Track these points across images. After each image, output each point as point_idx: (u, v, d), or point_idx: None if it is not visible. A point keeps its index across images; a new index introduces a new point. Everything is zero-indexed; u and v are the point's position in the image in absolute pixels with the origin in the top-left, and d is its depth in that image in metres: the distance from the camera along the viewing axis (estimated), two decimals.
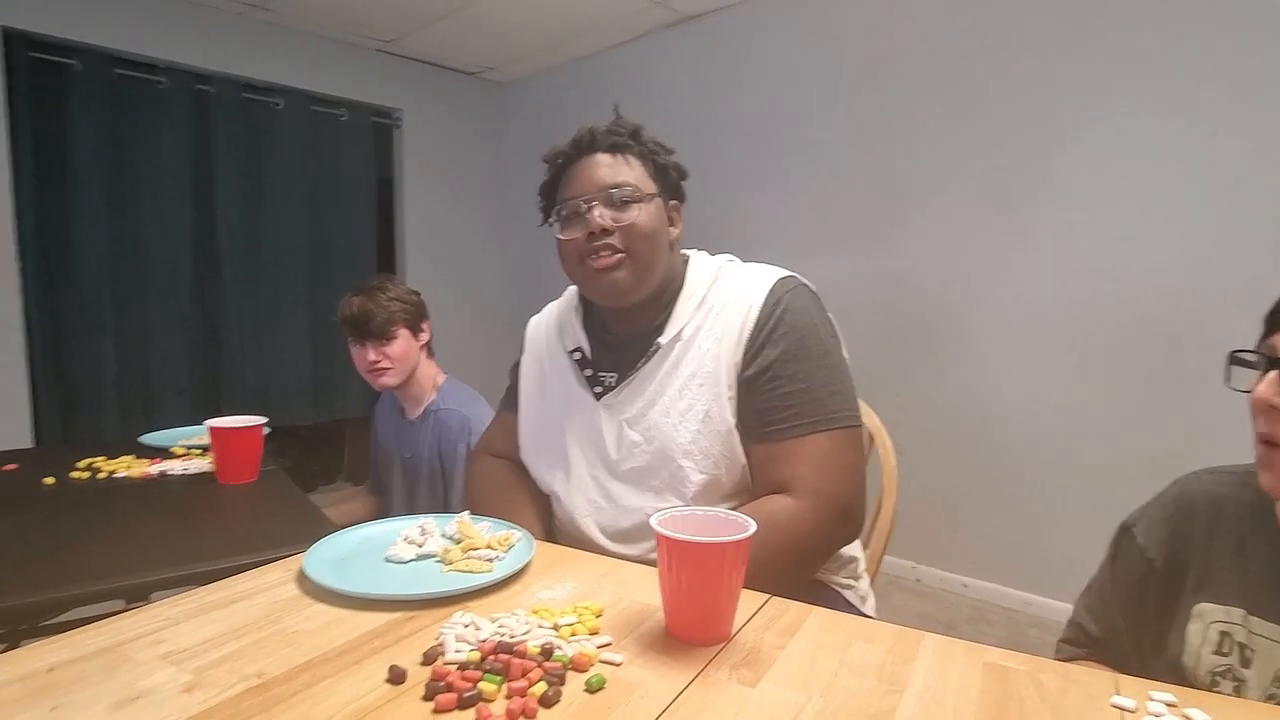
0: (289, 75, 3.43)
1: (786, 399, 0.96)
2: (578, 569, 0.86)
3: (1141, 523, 0.86)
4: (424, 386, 1.76)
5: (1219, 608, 0.77)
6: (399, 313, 1.68)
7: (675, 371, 1.02)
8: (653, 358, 1.03)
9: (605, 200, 1.00)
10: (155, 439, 1.72)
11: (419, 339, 1.74)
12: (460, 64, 3.97)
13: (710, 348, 1.01)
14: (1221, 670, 0.76)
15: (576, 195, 1.02)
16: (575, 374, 1.11)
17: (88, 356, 3.00)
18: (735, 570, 0.68)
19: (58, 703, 0.57)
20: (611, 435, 1.05)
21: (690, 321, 1.03)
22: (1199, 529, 0.80)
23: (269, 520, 1.25)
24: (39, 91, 2.82)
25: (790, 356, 0.97)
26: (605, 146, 1.04)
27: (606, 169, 1.02)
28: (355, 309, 1.66)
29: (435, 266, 4.04)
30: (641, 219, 1.00)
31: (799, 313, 0.99)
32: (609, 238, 0.99)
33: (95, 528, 1.15)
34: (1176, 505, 0.84)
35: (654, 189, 1.03)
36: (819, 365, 0.98)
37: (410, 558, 0.86)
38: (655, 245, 1.01)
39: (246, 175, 3.37)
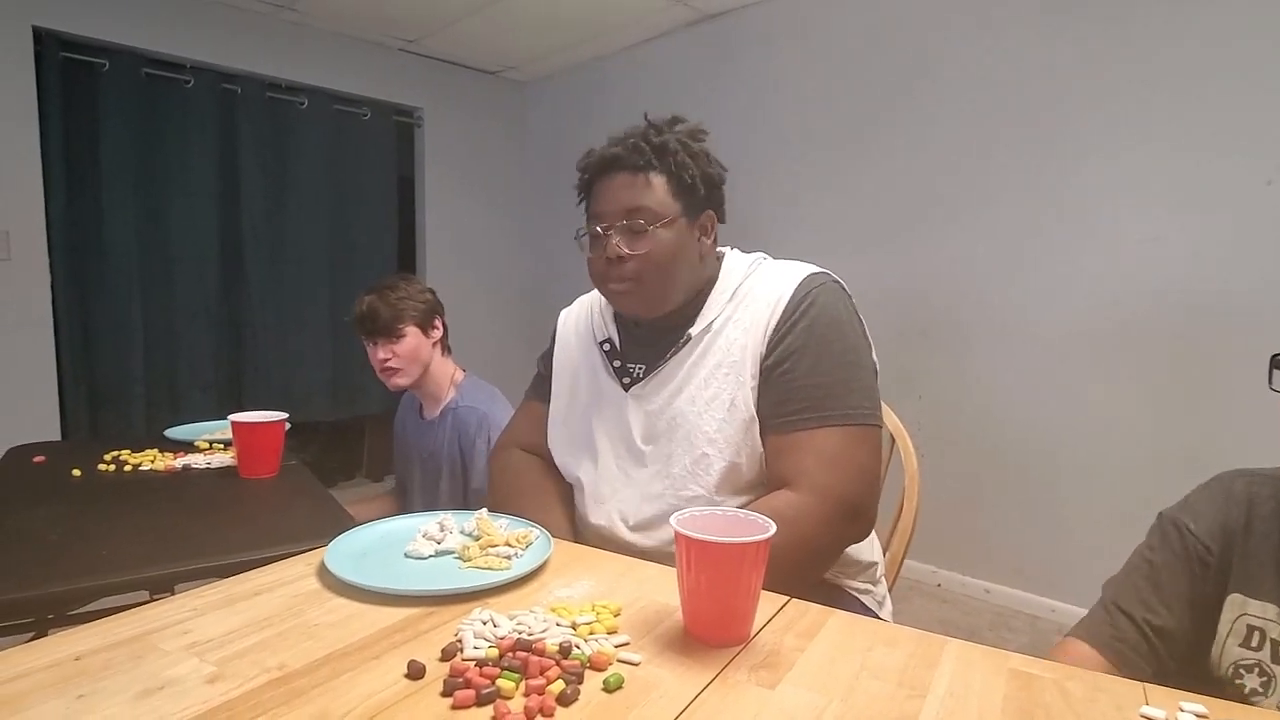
0: (313, 74, 3.46)
1: (802, 390, 0.96)
2: (596, 567, 0.86)
3: (1189, 512, 0.85)
4: (441, 385, 1.76)
5: (1253, 601, 0.77)
6: (407, 310, 1.68)
7: (703, 361, 1.02)
8: (682, 348, 1.04)
9: (622, 228, 1.01)
10: (180, 433, 1.74)
11: (430, 336, 1.73)
12: (481, 63, 3.99)
13: (737, 337, 1.01)
14: (1248, 664, 0.76)
15: (597, 217, 1.05)
16: (604, 365, 1.12)
17: (115, 352, 3.04)
18: (755, 571, 0.67)
19: (84, 691, 0.58)
20: (638, 424, 1.06)
21: (721, 313, 1.03)
22: (1239, 520, 0.81)
23: (291, 514, 1.26)
24: (70, 91, 2.86)
25: (810, 349, 0.97)
26: (628, 166, 1.02)
27: (627, 192, 1.02)
28: (365, 307, 1.67)
29: (456, 265, 4.06)
30: (656, 247, 1.00)
31: (825, 307, 0.99)
32: (624, 265, 1.01)
33: (121, 520, 1.17)
34: (1225, 498, 0.83)
35: (676, 209, 1.01)
36: (839, 361, 0.97)
37: (429, 554, 0.87)
38: (671, 270, 1.01)
39: (270, 174, 3.41)
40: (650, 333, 1.08)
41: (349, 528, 0.94)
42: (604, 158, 1.05)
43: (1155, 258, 2.21)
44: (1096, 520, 2.33)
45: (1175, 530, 0.85)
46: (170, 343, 3.19)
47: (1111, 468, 2.31)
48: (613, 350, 1.13)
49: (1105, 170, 2.29)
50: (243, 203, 3.33)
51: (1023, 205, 2.46)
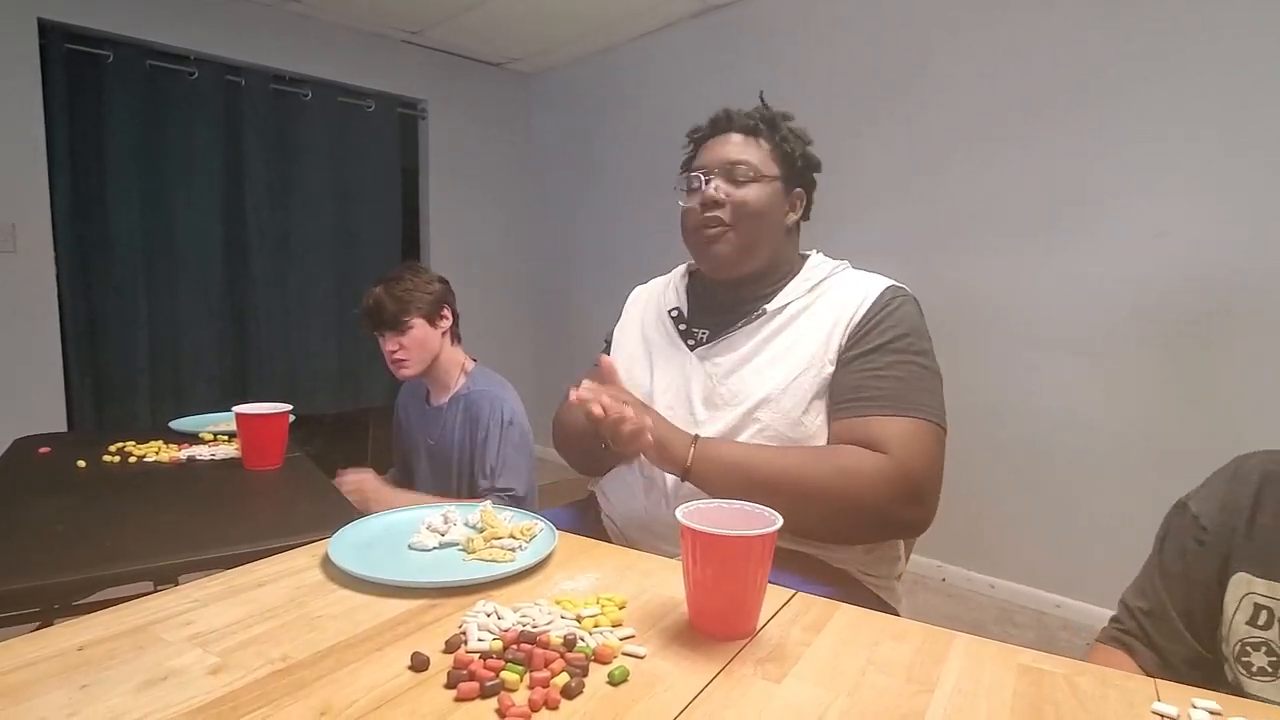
0: (317, 67, 3.46)
1: (881, 381, 0.98)
2: (600, 560, 0.86)
3: (1197, 494, 0.85)
4: (450, 373, 1.76)
5: (1260, 580, 0.76)
6: (413, 302, 1.68)
7: (775, 339, 1.05)
8: (755, 320, 1.07)
9: (725, 175, 1.06)
10: (184, 424, 1.74)
11: (438, 326, 1.73)
12: (486, 55, 3.97)
13: (814, 327, 1.04)
14: (1255, 642, 0.75)
15: (700, 167, 1.09)
16: (671, 329, 1.16)
17: (120, 344, 3.05)
18: (761, 564, 0.67)
19: (88, 681, 0.58)
20: (698, 386, 1.07)
21: (799, 299, 1.06)
22: (1246, 498, 0.80)
23: (295, 506, 1.26)
24: (74, 83, 2.86)
25: (892, 347, 1.00)
26: (739, 127, 1.09)
27: (734, 147, 1.08)
28: (371, 301, 1.68)
29: (459, 257, 4.05)
30: (753, 197, 1.05)
31: (908, 314, 1.03)
32: (719, 210, 1.05)
33: (125, 511, 1.17)
34: (1232, 477, 0.83)
35: (775, 172, 1.08)
36: (917, 364, 1.00)
37: (433, 546, 0.86)
38: (763, 224, 1.06)
39: (274, 166, 3.40)
40: (723, 301, 1.12)
41: (352, 519, 0.94)
42: (717, 118, 1.12)
43: (1161, 257, 2.19)
44: (1103, 516, 2.32)
45: (1179, 515, 0.86)
46: (175, 334, 3.19)
47: (1118, 462, 2.30)
48: (680, 316, 1.17)
49: (1114, 165, 2.27)
50: (247, 195, 3.33)
51: (1030, 201, 2.44)
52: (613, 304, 1.40)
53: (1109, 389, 2.32)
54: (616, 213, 3.87)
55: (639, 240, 3.74)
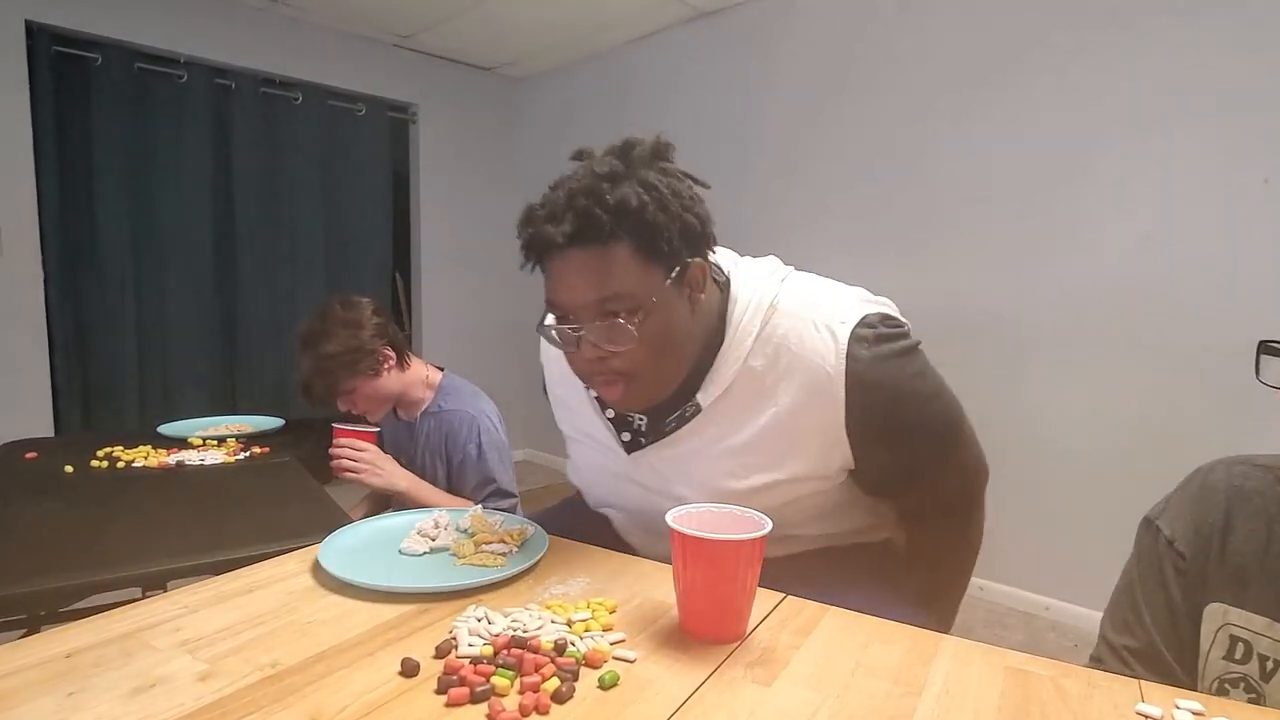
0: (307, 70, 3.44)
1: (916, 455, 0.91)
2: (592, 565, 0.86)
3: (1166, 514, 0.80)
4: (413, 392, 1.66)
5: (1236, 611, 0.73)
6: (342, 369, 1.53)
7: (722, 438, 0.88)
8: (691, 420, 0.88)
9: (593, 330, 0.80)
10: (173, 429, 1.73)
11: (383, 371, 1.59)
12: (476, 59, 3.97)
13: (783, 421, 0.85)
14: (1233, 678, 0.72)
15: (561, 312, 0.85)
16: (598, 417, 0.97)
17: (108, 347, 3.03)
18: (750, 568, 0.67)
19: (75, 688, 0.58)
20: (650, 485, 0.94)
21: (737, 381, 0.86)
22: (1217, 519, 0.75)
23: (285, 511, 1.26)
24: (62, 85, 2.85)
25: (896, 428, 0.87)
26: (585, 242, 0.78)
27: (589, 278, 0.79)
28: (301, 378, 1.55)
29: (450, 261, 4.05)
30: (643, 339, 0.79)
31: (890, 376, 0.85)
32: (609, 362, 0.81)
33: (114, 516, 1.16)
34: (1199, 493, 0.78)
35: (656, 282, 0.79)
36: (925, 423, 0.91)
37: (424, 551, 0.87)
38: (666, 355, 0.83)
39: (264, 169, 3.39)
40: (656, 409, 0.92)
41: (343, 524, 0.94)
42: (550, 238, 0.80)
43: (1152, 258, 2.21)
44: (1092, 518, 2.34)
45: (1150, 537, 0.80)
46: (164, 338, 3.17)
47: (1105, 465, 2.31)
48: (609, 413, 0.96)
49: (1099, 169, 2.29)
50: (236, 198, 3.32)
51: (1016, 206, 2.46)
52: None
53: (1095, 391, 2.33)
54: None
55: None
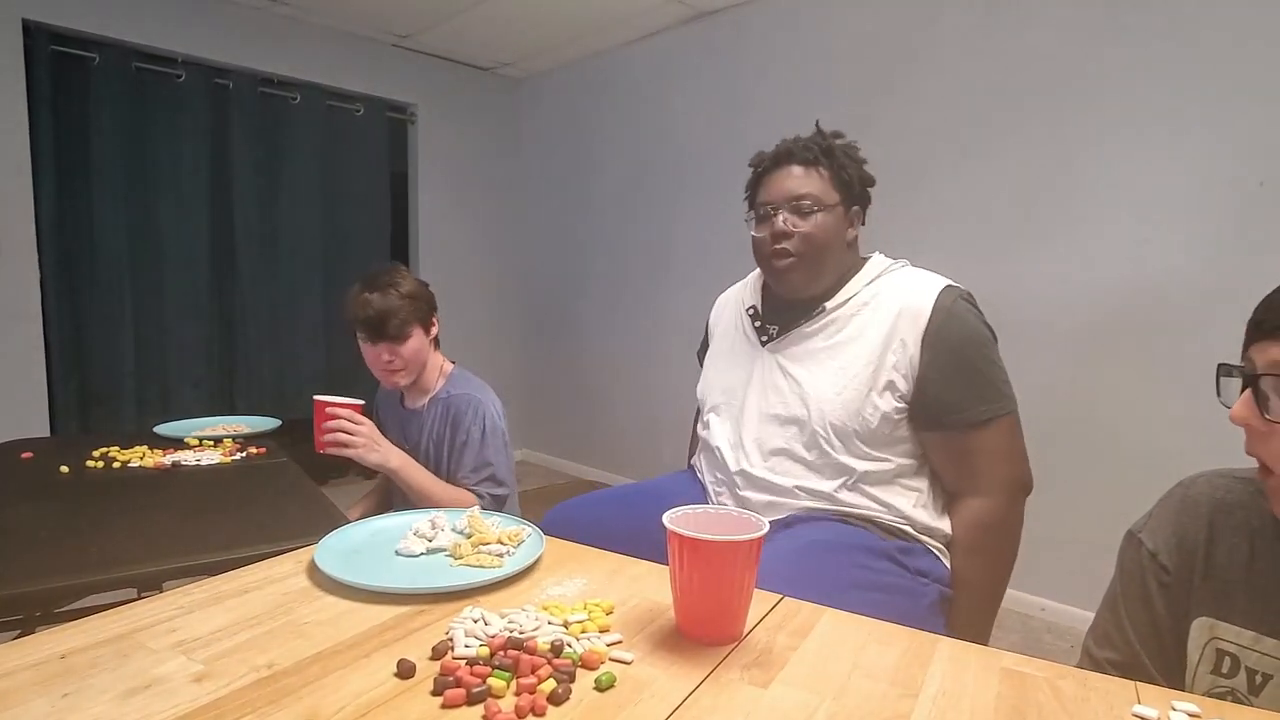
0: (305, 70, 3.44)
1: (968, 388, 1.09)
2: (588, 566, 0.86)
3: (1148, 527, 0.80)
4: (431, 377, 1.74)
5: (1224, 625, 0.73)
6: (413, 312, 1.65)
7: (835, 334, 1.16)
8: (816, 318, 1.18)
9: (791, 209, 1.16)
10: (170, 429, 1.73)
11: (430, 334, 1.72)
12: (475, 59, 3.97)
13: (876, 321, 1.13)
14: (1220, 692, 0.72)
15: (767, 201, 1.19)
16: (748, 325, 1.29)
17: (105, 347, 3.02)
18: (748, 569, 0.67)
19: (70, 689, 0.58)
20: (768, 378, 1.20)
21: (857, 296, 1.17)
22: (1200, 532, 0.75)
23: (281, 511, 1.25)
24: (60, 85, 2.84)
25: (962, 356, 1.10)
26: (800, 160, 1.19)
27: (797, 180, 1.18)
28: (373, 310, 1.61)
29: (448, 261, 4.05)
30: (818, 228, 1.15)
31: (967, 318, 1.12)
32: (788, 241, 1.15)
33: (109, 517, 1.16)
34: (1181, 506, 0.78)
35: (836, 199, 1.18)
36: (987, 364, 1.12)
37: (420, 551, 0.86)
38: (829, 250, 1.16)
39: (263, 169, 3.39)
40: (792, 302, 1.22)
41: (339, 525, 0.93)
42: (779, 152, 1.22)
43: (1147, 260, 2.21)
44: (1086, 519, 2.34)
45: (1134, 550, 0.81)
46: (161, 338, 3.17)
47: (1102, 467, 2.32)
48: (755, 314, 1.29)
49: (1095, 172, 2.29)
50: (235, 198, 3.31)
51: (1012, 207, 2.47)
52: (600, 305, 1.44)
53: (1094, 394, 2.34)
54: (606, 217, 3.87)
55: (629, 244, 3.75)
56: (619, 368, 3.90)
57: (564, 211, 4.10)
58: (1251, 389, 0.65)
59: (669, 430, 3.64)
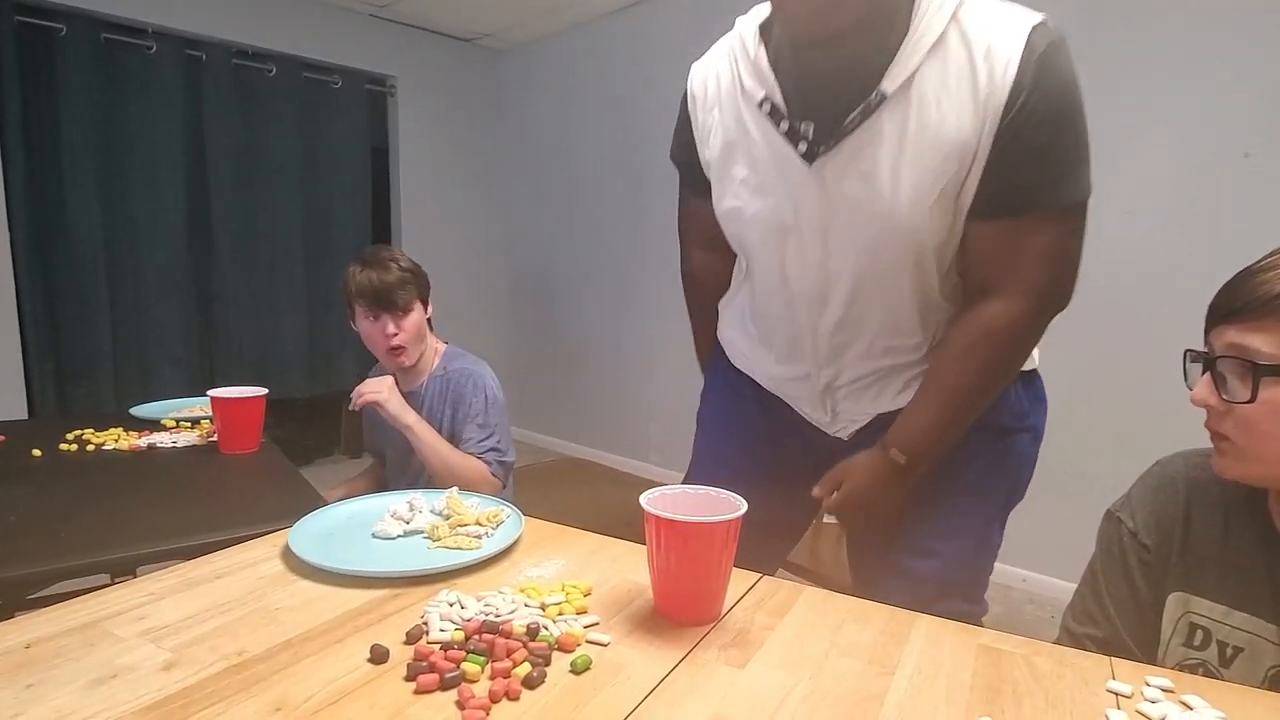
0: (281, 41, 3.36)
1: (1032, 174, 0.82)
2: (567, 546, 0.85)
3: (1127, 506, 0.82)
4: (426, 358, 1.74)
5: (1197, 599, 0.74)
6: (415, 284, 1.66)
7: (905, 132, 0.81)
8: (878, 110, 0.81)
9: None
10: (146, 411, 1.70)
11: (426, 311, 1.71)
12: (456, 30, 3.89)
13: (951, 108, 0.80)
14: (1192, 664, 0.74)
15: None
16: (770, 130, 0.88)
17: (82, 327, 2.97)
18: (725, 550, 0.66)
19: (33, 680, 0.56)
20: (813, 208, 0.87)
21: (924, 67, 0.80)
22: (1178, 510, 0.78)
23: (257, 494, 1.24)
24: (26, 58, 2.76)
25: (1048, 126, 0.80)
26: None
27: None
28: (375, 281, 1.61)
29: (432, 236, 4.00)
30: None
31: (1060, 71, 0.80)
32: None
33: (82, 501, 1.14)
34: (1158, 485, 0.81)
35: None
36: (1075, 138, 0.84)
37: (397, 534, 0.85)
38: None
39: (239, 144, 3.31)
40: (822, 75, 0.83)
41: (317, 508, 0.92)
42: None
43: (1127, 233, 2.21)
44: (1066, 491, 2.37)
45: (1114, 528, 0.83)
46: (139, 318, 3.12)
47: (1081, 439, 2.34)
48: (775, 111, 0.87)
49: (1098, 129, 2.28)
50: (210, 173, 3.24)
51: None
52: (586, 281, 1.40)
53: (1072, 367, 2.35)
54: (589, 190, 3.82)
55: (613, 217, 3.71)
56: (604, 343, 3.88)
57: (547, 185, 4.04)
58: (1210, 371, 0.69)
59: (656, 406, 3.64)
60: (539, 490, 2.39)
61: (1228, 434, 0.68)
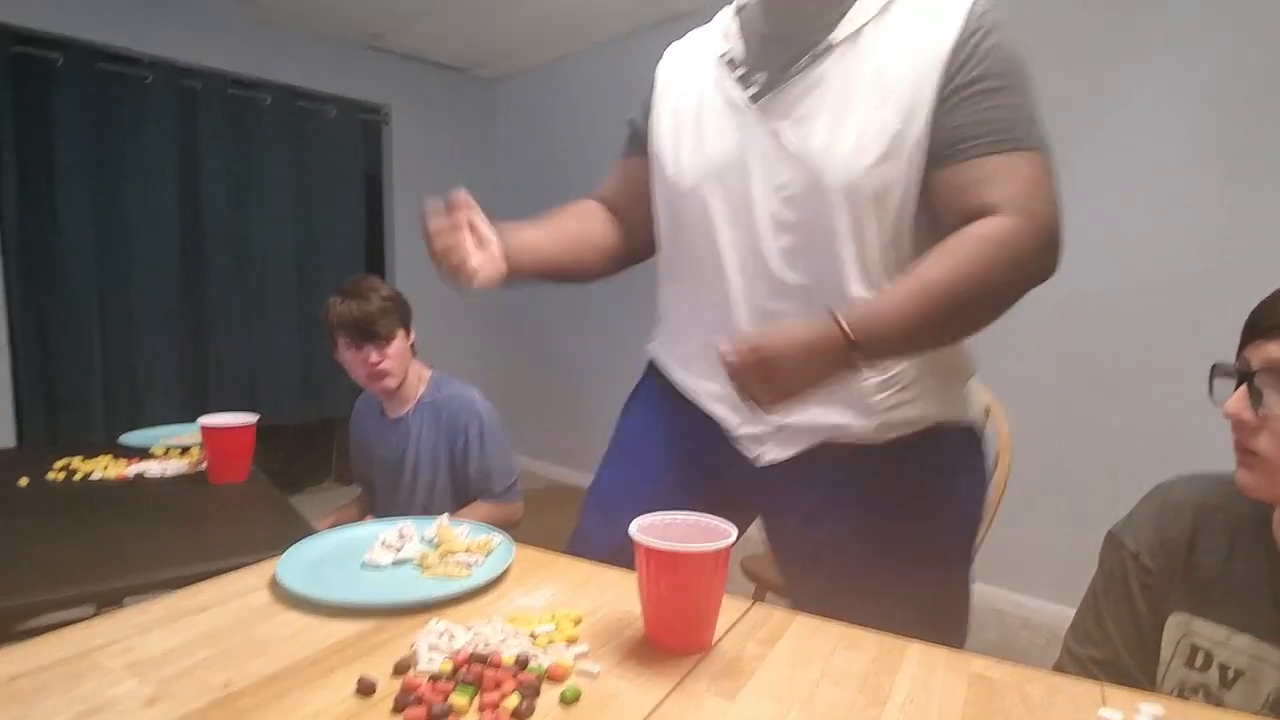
0: (276, 71, 3.39)
1: (996, 112, 0.82)
2: (558, 574, 0.85)
3: (1129, 527, 0.83)
4: (412, 384, 1.75)
5: (1199, 621, 0.75)
6: (396, 313, 1.68)
7: (850, 79, 0.85)
8: (823, 58, 0.86)
9: None
10: (135, 439, 1.70)
11: (409, 338, 1.73)
12: (449, 60, 3.94)
13: (898, 59, 0.84)
14: (1193, 687, 0.73)
15: None
16: (725, 76, 0.95)
17: (73, 354, 2.95)
18: (716, 578, 0.66)
19: (17, 715, 0.56)
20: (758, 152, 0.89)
21: (872, 22, 0.86)
22: (1183, 534, 0.78)
23: (246, 523, 1.23)
24: (22, 86, 2.78)
25: (999, 70, 0.83)
26: None
27: None
28: (356, 312, 1.63)
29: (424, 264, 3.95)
30: None
31: (1003, 30, 0.84)
32: None
33: (69, 531, 1.13)
34: (1162, 508, 0.81)
35: None
36: (1025, 86, 0.85)
37: (387, 563, 0.85)
38: None
39: (233, 172, 3.33)
40: (778, 33, 0.91)
41: (306, 536, 0.91)
42: None
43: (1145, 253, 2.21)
44: (1060, 514, 2.37)
45: (1115, 550, 0.83)
46: (131, 344, 3.10)
47: (1073, 462, 2.34)
48: (733, 62, 0.95)
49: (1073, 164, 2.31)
50: (204, 201, 3.25)
51: None
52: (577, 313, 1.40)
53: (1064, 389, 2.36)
54: None
55: None
56: (595, 370, 3.88)
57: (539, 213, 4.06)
58: (1246, 385, 0.69)
59: None
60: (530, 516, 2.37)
61: (1259, 449, 0.68)
